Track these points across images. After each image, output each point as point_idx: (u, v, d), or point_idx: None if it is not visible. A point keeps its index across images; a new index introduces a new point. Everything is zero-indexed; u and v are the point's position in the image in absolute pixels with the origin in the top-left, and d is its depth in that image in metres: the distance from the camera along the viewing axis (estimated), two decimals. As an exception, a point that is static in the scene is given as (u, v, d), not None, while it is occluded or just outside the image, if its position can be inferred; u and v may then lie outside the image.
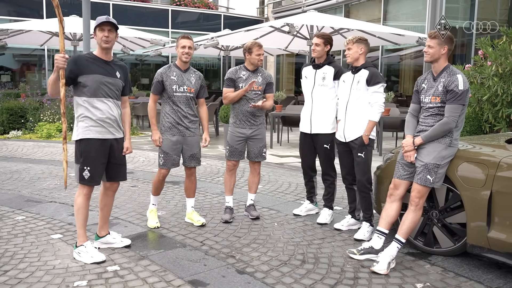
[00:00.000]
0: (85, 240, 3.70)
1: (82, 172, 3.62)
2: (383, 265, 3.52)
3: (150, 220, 4.51)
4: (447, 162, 3.60)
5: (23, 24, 12.80)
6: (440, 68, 3.62)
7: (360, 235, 4.21)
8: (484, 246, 3.46)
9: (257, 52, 4.60)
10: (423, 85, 3.74)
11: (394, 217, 3.78)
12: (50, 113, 11.25)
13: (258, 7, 22.38)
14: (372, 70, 4.21)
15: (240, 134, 4.71)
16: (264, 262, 3.67)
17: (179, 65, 4.43)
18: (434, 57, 3.61)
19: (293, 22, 9.87)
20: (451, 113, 3.49)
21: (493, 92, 6.82)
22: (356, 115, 4.26)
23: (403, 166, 3.76)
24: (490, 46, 7.18)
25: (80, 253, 3.64)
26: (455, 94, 3.47)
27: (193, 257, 3.75)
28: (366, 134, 4.20)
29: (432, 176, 3.55)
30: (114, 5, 17.64)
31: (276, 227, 4.54)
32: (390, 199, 3.80)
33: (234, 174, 4.83)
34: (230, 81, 4.67)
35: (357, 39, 4.27)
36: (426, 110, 3.67)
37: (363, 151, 4.25)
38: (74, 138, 3.66)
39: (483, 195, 3.43)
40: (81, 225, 3.71)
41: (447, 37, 3.59)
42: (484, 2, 12.12)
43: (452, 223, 3.76)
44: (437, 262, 3.70)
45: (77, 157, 3.68)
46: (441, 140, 3.56)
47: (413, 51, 13.65)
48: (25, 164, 7.54)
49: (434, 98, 3.59)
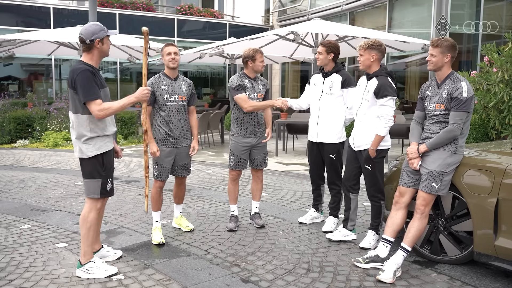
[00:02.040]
0: (92, 256, 3.59)
1: (106, 185, 3.54)
2: (388, 274, 3.49)
3: (155, 236, 4.30)
4: (453, 169, 3.57)
5: (30, 34, 12.94)
6: (444, 75, 3.60)
7: (366, 243, 4.18)
8: (491, 254, 3.43)
9: (260, 59, 4.62)
10: (427, 92, 3.72)
11: (400, 225, 3.75)
12: (57, 122, 11.32)
13: (264, 15, 22.46)
14: (381, 81, 3.99)
15: (246, 144, 4.71)
16: (269, 270, 3.65)
17: (168, 74, 4.37)
18: (437, 65, 3.58)
19: (298, 30, 9.89)
20: (456, 121, 3.47)
21: (499, 99, 6.79)
22: (365, 125, 4.14)
23: (408, 174, 3.74)
24: (496, 52, 7.15)
25: (89, 270, 3.50)
26: (459, 101, 3.45)
27: (197, 265, 3.74)
28: (372, 148, 4.06)
29: (437, 183, 3.52)
30: (120, 14, 17.77)
31: (281, 235, 4.52)
32: (395, 207, 3.78)
33: (237, 183, 4.84)
34: (241, 87, 4.60)
35: (369, 44, 4.06)
36: (431, 117, 3.65)
37: (369, 164, 4.15)
38: (91, 154, 3.45)
39: (490, 203, 3.40)
40: (90, 242, 3.54)
41: (449, 45, 3.55)
42: (489, 9, 12.09)
43: (459, 231, 3.72)
44: (443, 270, 3.66)
45: (95, 172, 3.48)
46: (446, 148, 3.54)
47: (419, 58, 13.61)
48: (32, 173, 7.58)
49: (439, 106, 3.57)
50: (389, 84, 4.01)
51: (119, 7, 18.00)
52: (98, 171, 3.49)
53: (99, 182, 3.50)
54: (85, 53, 3.48)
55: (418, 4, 13.70)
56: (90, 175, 3.49)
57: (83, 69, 3.34)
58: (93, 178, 3.49)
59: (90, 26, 3.44)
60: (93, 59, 3.47)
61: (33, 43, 13.14)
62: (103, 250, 3.83)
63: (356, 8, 15.71)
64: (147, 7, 18.73)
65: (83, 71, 3.33)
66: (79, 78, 3.32)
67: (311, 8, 17.71)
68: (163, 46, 4.41)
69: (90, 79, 3.34)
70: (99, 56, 3.49)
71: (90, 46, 3.42)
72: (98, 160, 3.48)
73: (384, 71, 4.09)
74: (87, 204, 3.55)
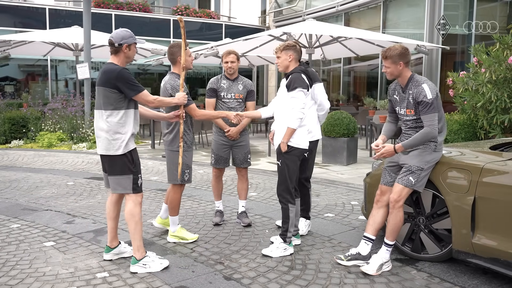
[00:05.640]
0: (145, 250, 3.70)
1: (137, 180, 3.67)
2: (373, 266, 3.57)
3: (187, 234, 4.33)
4: (431, 166, 3.63)
5: (25, 35, 13.00)
6: (405, 80, 3.65)
7: (267, 251, 3.99)
8: (469, 251, 3.48)
9: (225, 59, 4.70)
10: (394, 96, 3.78)
11: (381, 223, 3.81)
12: (51, 122, 11.37)
13: (260, 16, 22.53)
14: (293, 76, 3.96)
15: (224, 142, 4.78)
16: (252, 268, 3.71)
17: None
18: (393, 75, 3.64)
19: (291, 31, 9.95)
20: (430, 123, 3.51)
21: (487, 99, 6.85)
22: (281, 122, 4.05)
23: (390, 173, 3.80)
24: (485, 53, 7.22)
25: (146, 264, 3.61)
26: (426, 104, 3.49)
27: (182, 263, 3.80)
28: (283, 141, 3.94)
29: (414, 178, 3.58)
30: (116, 15, 17.83)
31: (267, 234, 4.57)
32: (376, 205, 3.84)
33: (221, 180, 4.92)
34: (212, 91, 4.72)
35: (284, 46, 4.06)
36: (405, 123, 3.72)
37: (279, 159, 4.03)
38: (122, 151, 3.57)
39: (467, 201, 3.46)
40: (141, 236, 3.67)
41: (398, 54, 3.56)
42: (483, 9, 12.16)
43: (439, 229, 3.78)
44: (423, 268, 3.72)
45: (125, 168, 3.60)
46: (426, 146, 3.60)
47: (412, 58, 13.64)
48: (25, 173, 7.63)
49: (409, 111, 3.63)
50: (300, 78, 3.95)
51: (115, 8, 18.06)
52: (129, 167, 3.63)
53: (130, 178, 3.63)
54: (113, 56, 3.65)
55: (412, 5, 13.78)
56: (121, 171, 3.61)
57: (120, 68, 3.55)
58: (125, 174, 3.62)
59: (121, 31, 3.62)
60: (120, 62, 3.64)
61: (28, 44, 13.21)
62: (121, 246, 3.93)
63: (351, 9, 15.79)
64: (144, 8, 18.79)
65: (121, 69, 3.54)
66: (120, 76, 3.50)
67: (307, 9, 17.79)
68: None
69: (130, 75, 3.58)
70: (125, 61, 3.66)
71: (117, 49, 3.61)
72: (127, 157, 3.61)
73: (299, 68, 4.05)
74: (130, 200, 3.66)
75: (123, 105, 3.59)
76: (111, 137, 3.58)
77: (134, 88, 3.56)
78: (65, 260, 3.85)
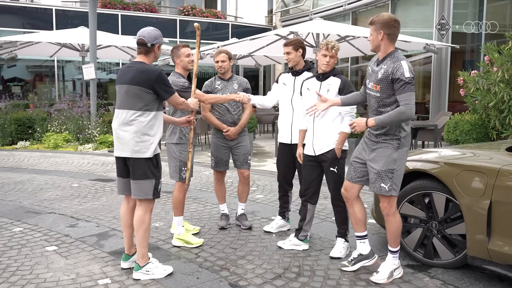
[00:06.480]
0: (149, 257, 3.58)
1: (158, 186, 3.56)
2: (383, 275, 3.44)
3: (192, 239, 4.22)
4: (402, 164, 3.42)
5: (32, 36, 12.97)
6: (383, 54, 3.38)
7: (336, 252, 3.97)
8: (484, 258, 3.35)
9: (216, 58, 4.60)
10: (369, 67, 3.53)
11: (362, 217, 3.68)
12: (57, 123, 11.32)
13: (267, 15, 22.42)
14: (343, 79, 3.94)
15: (223, 144, 4.68)
16: (258, 275, 3.59)
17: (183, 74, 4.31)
18: (373, 44, 3.40)
19: (298, 30, 9.84)
20: (407, 102, 3.21)
21: (500, 99, 6.68)
22: (325, 127, 3.94)
23: (356, 168, 3.61)
24: (497, 51, 7.05)
25: (149, 271, 3.50)
26: (403, 82, 3.22)
27: (186, 269, 3.69)
28: (339, 146, 3.90)
29: (386, 183, 3.38)
30: (122, 15, 17.80)
31: (273, 238, 4.45)
32: (348, 203, 3.72)
33: (223, 183, 4.83)
34: (207, 94, 4.58)
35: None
36: (370, 103, 3.50)
37: (335, 166, 3.95)
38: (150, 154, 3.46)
39: (483, 205, 3.32)
40: (147, 244, 3.57)
41: (382, 22, 3.32)
42: (492, 8, 11.96)
43: (452, 234, 3.64)
44: (437, 275, 3.58)
45: (149, 173, 3.48)
46: (388, 145, 3.39)
47: (421, 57, 13.48)
48: (30, 174, 7.57)
49: (375, 87, 3.39)
50: (349, 82, 3.99)
51: (122, 8, 18.02)
52: (152, 172, 3.50)
53: (152, 183, 3.50)
54: (142, 55, 3.55)
55: (421, 4, 13.59)
56: (144, 175, 3.47)
57: (160, 70, 3.49)
58: (148, 179, 3.48)
59: (153, 31, 3.54)
60: (149, 62, 3.56)
61: (35, 45, 13.18)
62: None
63: (359, 8, 15.63)
64: (150, 8, 18.74)
65: (161, 71, 3.48)
66: (160, 78, 3.43)
67: (314, 8, 17.64)
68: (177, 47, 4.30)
69: (167, 77, 3.56)
70: (153, 61, 3.59)
71: (149, 49, 3.53)
72: (152, 161, 3.50)
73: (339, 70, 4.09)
74: (141, 206, 3.52)
75: (154, 106, 3.49)
76: (139, 139, 3.43)
77: (169, 90, 3.52)
78: (66, 266, 3.75)
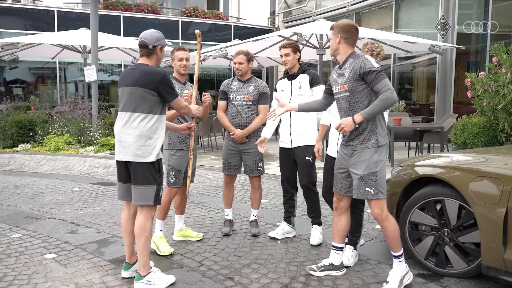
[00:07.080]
0: (151, 267, 3.45)
1: (160, 192, 3.44)
2: (393, 284, 3.31)
3: (163, 246, 4.08)
4: (383, 165, 3.33)
5: (33, 38, 12.88)
6: (343, 58, 3.41)
7: (344, 260, 3.79)
8: (500, 268, 3.21)
9: (234, 60, 4.57)
10: (333, 75, 3.53)
11: (346, 230, 3.60)
12: (58, 125, 11.22)
13: (269, 16, 22.31)
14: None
15: (233, 148, 4.57)
16: (264, 285, 3.46)
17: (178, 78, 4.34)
18: (332, 48, 3.46)
19: (301, 31, 9.70)
20: (385, 88, 3.18)
21: (509, 101, 6.54)
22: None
23: (341, 180, 3.50)
24: (505, 52, 6.91)
25: (151, 281, 3.35)
26: (375, 72, 3.22)
27: (189, 279, 3.56)
28: None
29: (371, 187, 3.28)
30: (124, 17, 17.70)
31: (279, 245, 4.32)
32: (336, 212, 3.60)
33: (231, 188, 4.69)
34: (222, 93, 4.65)
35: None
36: (339, 106, 3.46)
37: None
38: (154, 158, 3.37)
39: (498, 213, 3.18)
40: (149, 252, 3.43)
41: (340, 27, 3.38)
42: (498, 8, 11.81)
43: (466, 243, 3.51)
44: (449, 285, 3.45)
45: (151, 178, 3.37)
46: (367, 145, 3.30)
47: (426, 58, 13.34)
48: (30, 178, 7.46)
49: (343, 87, 3.37)
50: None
51: (124, 10, 17.92)
52: (154, 177, 3.39)
53: (154, 188, 3.39)
54: (145, 58, 3.48)
55: (425, 4, 13.45)
56: (146, 180, 3.35)
57: (164, 71, 3.41)
58: (149, 184, 3.36)
59: (155, 33, 3.48)
60: (152, 64, 3.49)
61: (37, 46, 13.10)
62: None
63: (362, 9, 15.49)
64: (152, 9, 18.64)
65: (166, 73, 3.41)
66: (164, 79, 3.37)
67: (317, 9, 17.52)
68: (173, 50, 4.29)
69: (171, 80, 3.49)
70: (156, 63, 3.52)
71: (151, 51, 3.46)
72: (154, 166, 3.39)
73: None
74: (142, 213, 3.39)
75: (158, 110, 3.40)
76: (142, 143, 3.33)
77: (173, 93, 3.44)
78: (65, 275, 3.63)
